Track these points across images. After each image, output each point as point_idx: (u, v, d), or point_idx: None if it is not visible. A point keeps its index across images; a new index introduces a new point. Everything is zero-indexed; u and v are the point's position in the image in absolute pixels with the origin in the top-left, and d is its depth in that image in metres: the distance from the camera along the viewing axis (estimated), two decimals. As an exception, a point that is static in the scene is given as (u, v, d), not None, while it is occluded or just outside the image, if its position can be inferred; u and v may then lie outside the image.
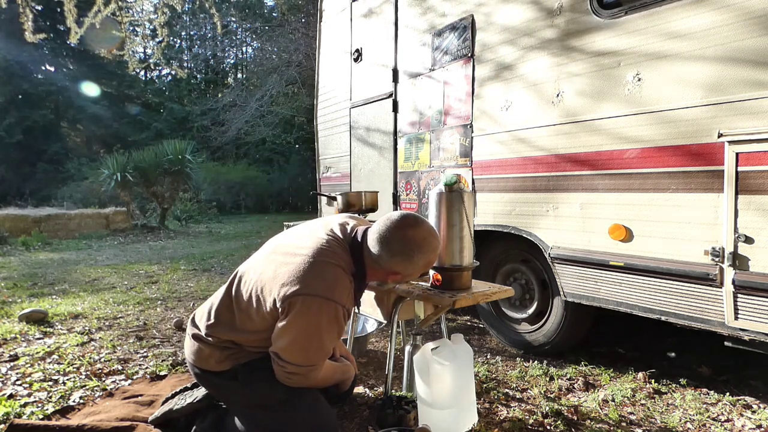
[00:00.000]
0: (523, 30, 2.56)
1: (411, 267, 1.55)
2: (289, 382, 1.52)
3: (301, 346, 1.48)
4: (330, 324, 1.47)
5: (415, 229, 1.53)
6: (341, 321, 1.50)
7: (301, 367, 1.49)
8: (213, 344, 1.59)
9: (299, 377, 1.51)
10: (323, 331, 1.47)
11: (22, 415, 1.99)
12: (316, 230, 1.64)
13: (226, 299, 1.63)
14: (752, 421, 1.91)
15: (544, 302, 2.71)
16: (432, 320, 1.93)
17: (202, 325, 1.64)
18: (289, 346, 1.48)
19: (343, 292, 1.49)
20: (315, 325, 1.46)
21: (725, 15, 1.81)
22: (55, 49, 17.45)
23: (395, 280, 1.65)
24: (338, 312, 1.47)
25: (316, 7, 5.50)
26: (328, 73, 4.52)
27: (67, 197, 13.68)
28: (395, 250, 1.52)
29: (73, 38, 4.49)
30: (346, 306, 1.50)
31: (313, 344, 1.49)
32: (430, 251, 1.55)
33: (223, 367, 1.59)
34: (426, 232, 1.54)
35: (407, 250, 1.52)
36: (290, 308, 1.44)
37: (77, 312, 3.78)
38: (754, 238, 1.75)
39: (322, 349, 1.52)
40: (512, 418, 1.94)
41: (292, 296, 1.43)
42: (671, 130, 1.97)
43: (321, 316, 1.45)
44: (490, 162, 2.77)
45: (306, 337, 1.47)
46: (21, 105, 16.78)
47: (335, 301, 1.46)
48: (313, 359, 1.51)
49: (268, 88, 14.20)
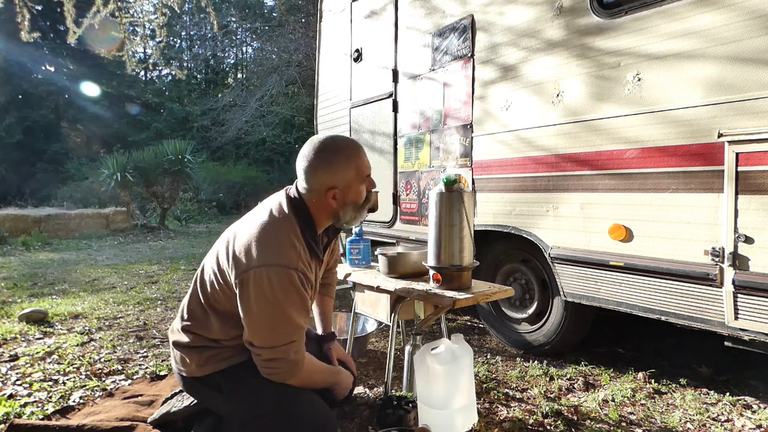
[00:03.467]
0: (524, 30, 2.56)
1: (339, 174, 1.52)
2: (274, 374, 1.46)
3: (266, 324, 1.43)
4: (287, 292, 1.41)
5: (323, 141, 1.54)
6: (299, 286, 1.43)
7: (275, 348, 1.43)
8: (192, 346, 1.57)
9: (281, 363, 1.45)
10: (283, 302, 1.41)
11: (22, 415, 1.99)
12: (260, 206, 1.61)
13: (195, 293, 1.61)
14: (752, 421, 1.91)
15: (544, 302, 2.71)
16: (432, 320, 1.93)
17: (178, 327, 1.63)
18: (255, 328, 1.43)
19: (291, 254, 1.44)
20: (272, 298, 1.40)
21: (725, 15, 1.81)
22: (55, 49, 17.44)
23: (339, 199, 1.54)
24: (292, 277, 1.41)
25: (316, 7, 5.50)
26: (328, 73, 4.52)
27: (67, 197, 13.67)
28: (317, 167, 1.51)
29: (71, 38, 4.48)
30: (299, 268, 1.43)
31: (278, 319, 1.42)
32: (350, 150, 1.54)
33: (204, 371, 1.55)
34: (335, 137, 1.57)
35: (326, 158, 1.51)
36: (243, 286, 1.42)
37: (77, 312, 3.78)
38: (754, 238, 1.75)
39: (289, 322, 1.43)
40: (512, 418, 1.94)
41: (242, 273, 1.41)
42: (671, 130, 1.97)
43: (275, 286, 1.40)
44: (490, 162, 2.77)
45: (268, 313, 1.41)
46: (21, 105, 16.77)
47: (285, 266, 1.41)
48: (283, 336, 1.43)
49: (268, 88, 14.20)
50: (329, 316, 2.00)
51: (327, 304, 2.01)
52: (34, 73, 17.23)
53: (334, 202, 1.55)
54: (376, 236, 3.67)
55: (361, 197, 1.59)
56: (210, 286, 1.54)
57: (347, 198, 1.56)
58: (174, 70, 15.48)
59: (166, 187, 11.44)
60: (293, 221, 1.51)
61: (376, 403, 2.03)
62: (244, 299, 1.43)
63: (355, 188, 1.56)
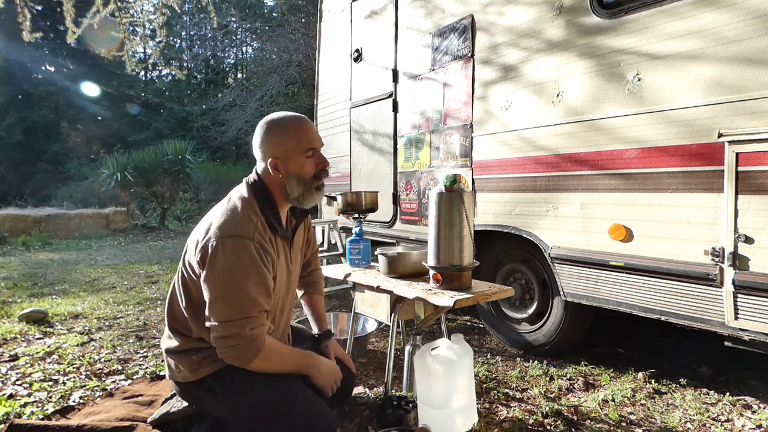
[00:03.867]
0: (524, 30, 2.56)
1: (278, 143, 1.58)
2: (233, 354, 1.44)
3: (222, 296, 1.43)
4: (244, 261, 1.43)
5: (269, 117, 1.63)
6: (255, 257, 1.45)
7: (231, 323, 1.42)
8: (181, 350, 1.57)
9: (237, 340, 1.42)
10: (238, 272, 1.42)
11: (22, 415, 1.99)
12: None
13: (173, 293, 1.64)
14: (752, 421, 1.91)
15: (544, 302, 2.71)
16: (432, 320, 1.93)
17: (167, 332, 1.64)
18: (212, 301, 1.43)
19: (246, 225, 1.48)
20: (229, 268, 1.42)
21: (725, 15, 1.81)
22: (55, 49, 17.43)
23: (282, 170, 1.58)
24: (247, 246, 1.44)
25: (316, 7, 5.50)
26: (328, 73, 4.52)
27: (67, 197, 13.68)
28: (261, 140, 1.60)
29: (71, 38, 4.49)
30: (254, 239, 1.47)
31: (233, 291, 1.43)
32: (290, 121, 1.60)
33: (198, 375, 1.55)
34: (281, 113, 1.64)
35: (268, 130, 1.59)
36: (203, 259, 1.45)
37: (77, 312, 3.78)
38: (754, 238, 1.75)
39: (245, 295, 1.43)
40: (512, 418, 1.94)
41: (201, 250, 1.45)
42: (671, 130, 1.97)
43: (229, 256, 1.42)
44: (490, 162, 2.77)
45: (224, 285, 1.43)
46: (21, 105, 16.77)
47: (240, 236, 1.44)
48: (239, 309, 1.43)
49: (268, 88, 14.19)
50: (322, 314, 2.00)
51: (317, 303, 2.01)
52: (34, 73, 17.22)
53: (278, 174, 1.59)
54: (376, 236, 3.67)
55: (305, 170, 1.60)
56: (184, 282, 1.57)
57: (289, 169, 1.58)
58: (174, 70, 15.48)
59: (166, 187, 11.44)
60: (251, 199, 1.57)
61: (376, 403, 2.03)
62: (205, 272, 1.45)
63: (295, 159, 1.58)
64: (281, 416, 1.51)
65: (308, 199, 1.64)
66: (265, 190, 1.61)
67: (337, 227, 4.07)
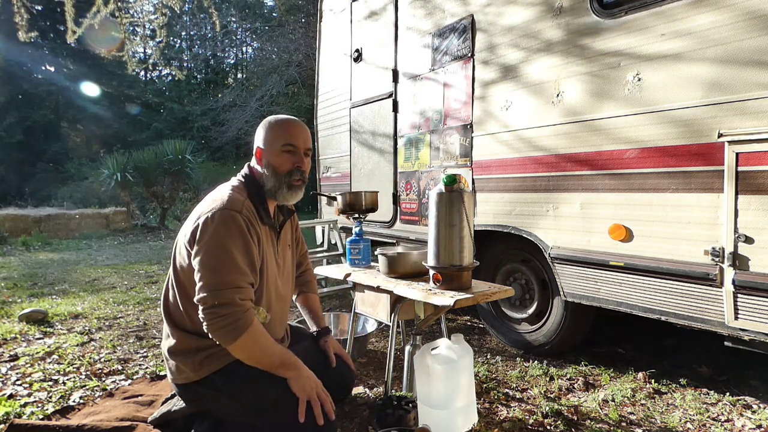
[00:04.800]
0: (524, 30, 2.56)
1: (264, 135, 1.68)
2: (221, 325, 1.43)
3: (211, 265, 1.46)
4: (230, 230, 1.49)
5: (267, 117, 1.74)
6: (243, 228, 1.51)
7: (220, 291, 1.44)
8: (182, 350, 1.58)
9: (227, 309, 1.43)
10: (226, 240, 1.47)
11: (22, 415, 1.99)
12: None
13: (166, 290, 1.67)
14: (752, 421, 1.91)
15: (544, 302, 2.71)
16: (432, 320, 1.93)
17: (166, 331, 1.65)
18: (201, 271, 1.47)
19: (235, 200, 1.55)
20: (215, 235, 1.47)
21: (725, 15, 1.81)
22: (55, 49, 17.42)
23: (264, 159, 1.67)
24: (236, 217, 1.50)
25: (316, 7, 5.50)
26: (328, 73, 4.52)
27: (67, 197, 13.68)
28: (258, 133, 1.71)
29: (70, 38, 4.49)
30: (242, 212, 1.53)
31: (222, 259, 1.46)
32: (279, 120, 1.70)
33: (201, 374, 1.56)
34: (282, 114, 1.77)
35: (261, 125, 1.71)
36: (193, 236, 1.50)
37: (77, 312, 3.78)
38: (754, 238, 1.75)
39: (233, 264, 1.47)
40: (512, 418, 1.94)
41: (193, 229, 1.52)
42: (671, 130, 1.97)
43: (218, 224, 1.48)
44: (490, 162, 2.77)
45: (212, 254, 1.47)
46: (21, 105, 16.76)
47: (229, 209, 1.51)
48: (228, 279, 1.46)
49: (268, 88, 14.19)
50: (318, 312, 2.01)
51: (312, 301, 2.03)
52: (35, 73, 17.21)
53: (260, 162, 1.68)
54: (376, 236, 3.67)
55: (279, 163, 1.66)
56: (176, 275, 1.60)
57: (267, 159, 1.67)
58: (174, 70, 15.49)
59: (166, 187, 11.44)
60: (240, 187, 1.65)
61: (376, 403, 2.03)
62: (195, 251, 1.50)
63: (274, 151, 1.66)
64: (284, 414, 1.51)
65: (280, 195, 1.68)
66: (253, 179, 1.69)
67: (337, 227, 4.07)
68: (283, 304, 1.78)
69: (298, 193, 1.70)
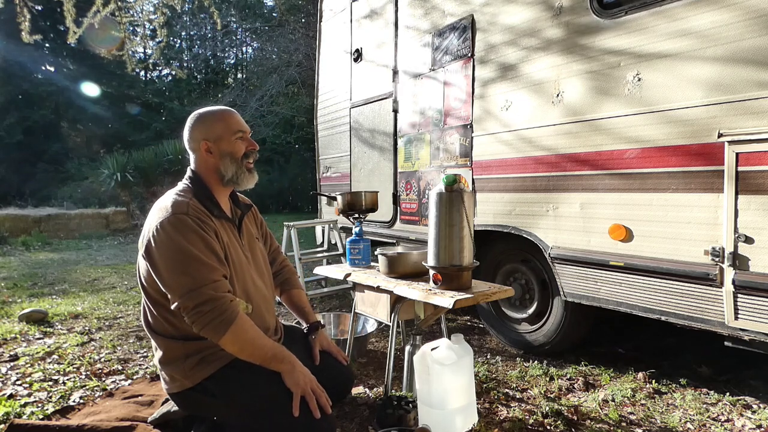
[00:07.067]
0: (524, 30, 2.56)
1: (207, 128, 1.66)
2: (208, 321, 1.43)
3: (178, 271, 1.46)
4: (184, 232, 1.48)
5: (196, 111, 1.73)
6: (195, 227, 1.50)
7: (197, 290, 1.43)
8: (172, 359, 1.57)
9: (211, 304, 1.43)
10: (183, 243, 1.46)
11: (22, 415, 1.99)
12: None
13: (142, 307, 1.68)
14: (752, 421, 1.91)
15: (544, 302, 2.71)
16: (432, 320, 1.93)
17: (153, 347, 1.65)
18: (170, 281, 1.47)
19: (179, 205, 1.54)
20: (170, 242, 1.47)
21: (725, 15, 1.81)
22: (55, 49, 17.42)
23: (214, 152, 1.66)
24: (184, 220, 1.50)
25: (316, 7, 5.50)
26: (328, 73, 4.52)
27: (67, 197, 13.68)
28: (190, 129, 1.69)
29: (71, 38, 4.48)
30: (189, 213, 1.52)
31: (185, 260, 1.46)
32: (216, 110, 1.71)
33: (194, 380, 1.55)
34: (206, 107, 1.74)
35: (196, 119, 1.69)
36: (148, 250, 1.51)
37: (77, 312, 3.78)
38: (754, 238, 1.75)
39: (199, 261, 1.46)
40: (512, 418, 1.94)
41: (145, 243, 1.52)
42: (671, 130, 1.97)
43: (169, 232, 1.48)
44: (490, 162, 2.77)
45: (174, 259, 1.46)
46: (21, 105, 16.75)
47: (174, 213, 1.51)
48: (200, 276, 1.45)
49: (268, 88, 14.18)
50: (305, 307, 1.98)
51: (297, 297, 2.00)
52: (35, 73, 17.20)
53: (210, 156, 1.66)
54: (376, 236, 3.67)
55: (236, 149, 1.67)
56: (146, 292, 1.61)
57: (221, 148, 1.66)
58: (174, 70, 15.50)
59: (166, 187, 11.33)
60: (183, 189, 1.65)
61: (376, 403, 2.03)
62: (154, 262, 1.49)
63: (226, 139, 1.66)
64: (281, 415, 1.50)
65: (242, 179, 1.70)
66: (197, 178, 1.68)
67: (337, 227, 4.07)
68: (263, 296, 1.74)
69: (254, 175, 1.74)
